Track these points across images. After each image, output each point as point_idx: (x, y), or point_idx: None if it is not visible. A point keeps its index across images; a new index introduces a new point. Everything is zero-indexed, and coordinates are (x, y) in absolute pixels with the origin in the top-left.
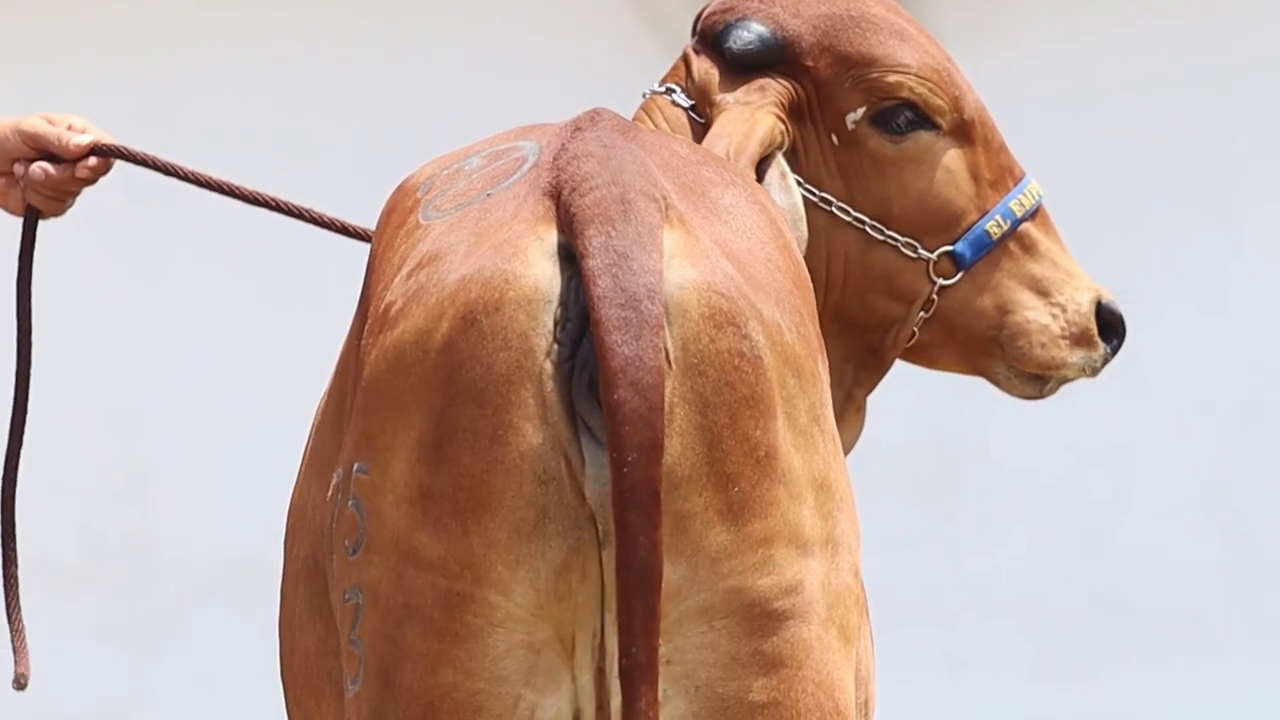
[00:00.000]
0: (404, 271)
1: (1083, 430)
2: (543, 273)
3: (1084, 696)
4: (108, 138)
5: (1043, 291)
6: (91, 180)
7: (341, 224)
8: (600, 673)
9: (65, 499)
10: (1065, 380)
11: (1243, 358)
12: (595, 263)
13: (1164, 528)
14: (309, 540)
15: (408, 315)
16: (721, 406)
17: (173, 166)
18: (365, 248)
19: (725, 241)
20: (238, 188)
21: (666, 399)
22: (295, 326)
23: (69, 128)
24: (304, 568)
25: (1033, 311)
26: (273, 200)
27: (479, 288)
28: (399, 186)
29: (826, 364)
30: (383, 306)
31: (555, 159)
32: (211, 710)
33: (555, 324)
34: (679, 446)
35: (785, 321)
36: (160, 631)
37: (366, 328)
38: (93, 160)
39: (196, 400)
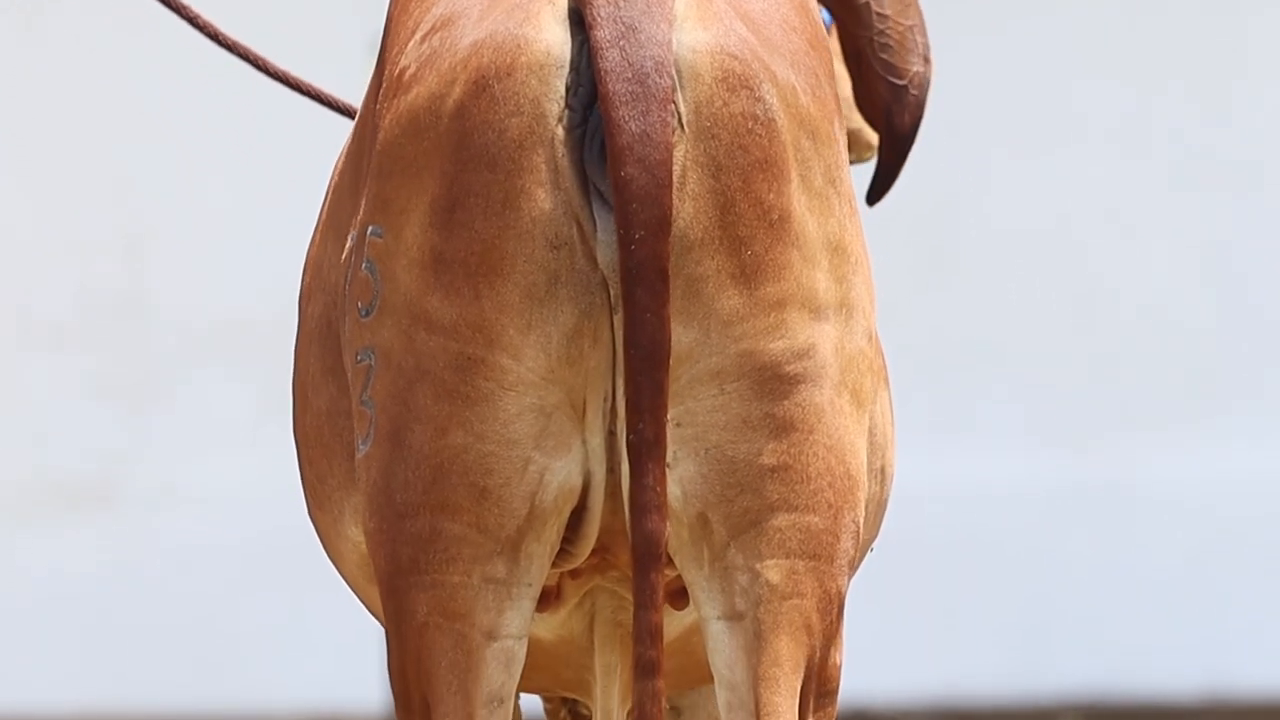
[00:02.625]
0: (418, 35)
1: (1081, 192)
2: (554, 38)
3: (1080, 462)
4: None
5: None
6: None
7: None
8: (611, 436)
9: (60, 258)
10: None
11: (1244, 121)
12: (602, 34)
13: (1164, 291)
14: (324, 300)
15: (421, 80)
16: (734, 170)
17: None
18: (379, 9)
19: (739, 2)
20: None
21: (679, 164)
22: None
23: None
24: (318, 327)
25: None
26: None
27: (491, 52)
28: None
29: (844, 126)
30: (397, 71)
31: None
32: (207, 470)
33: (567, 90)
34: (691, 211)
35: (800, 83)
36: (155, 391)
37: (381, 91)
38: None
39: (194, 159)
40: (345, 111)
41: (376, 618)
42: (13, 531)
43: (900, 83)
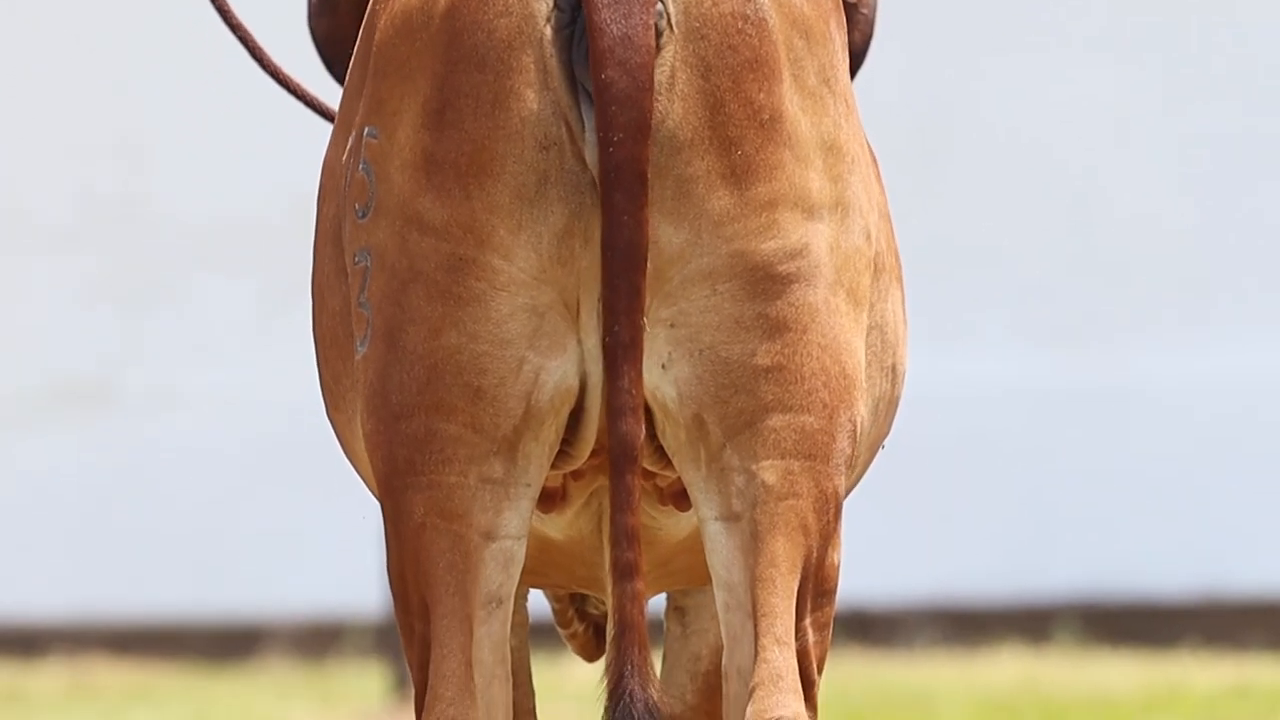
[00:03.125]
0: None
1: (1073, 98)
2: None
3: (1074, 364)
4: None
5: None
6: None
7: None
8: (601, 341)
9: (60, 160)
10: None
11: (1236, 27)
12: None
13: (1156, 195)
14: (336, 201)
15: None
16: (724, 70)
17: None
18: None
19: None
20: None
21: (667, 65)
22: None
23: None
24: (331, 228)
25: None
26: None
27: None
28: None
29: (842, 24)
30: None
31: None
32: (206, 373)
33: None
34: (680, 111)
35: None
36: (155, 294)
37: None
38: None
39: (194, 61)
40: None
41: None
42: (12, 433)
43: (851, 1)
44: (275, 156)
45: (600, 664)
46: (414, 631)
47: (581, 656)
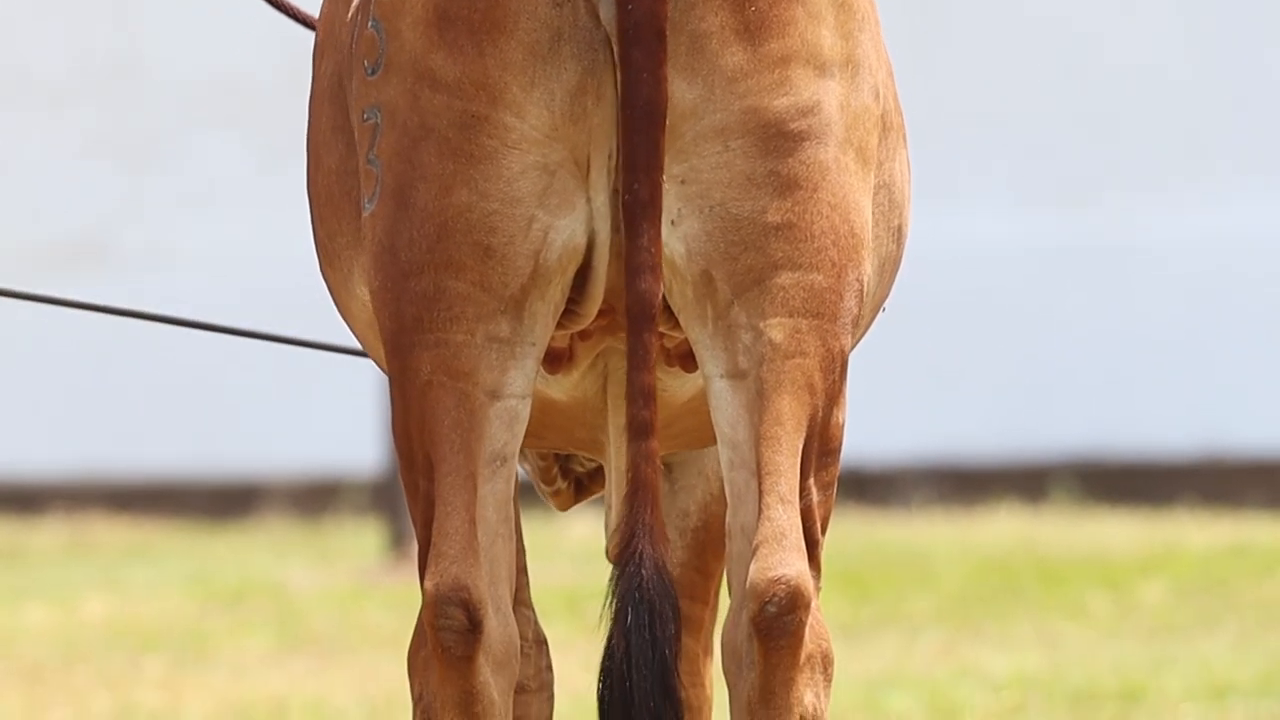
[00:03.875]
0: None
1: None
2: None
3: (1073, 223)
4: None
5: None
6: None
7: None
8: (616, 195)
9: (53, 16)
10: None
11: None
12: None
13: (1156, 51)
14: (335, 57)
15: None
16: None
17: None
18: None
19: None
20: None
21: None
22: None
23: None
24: (329, 85)
25: None
26: None
27: None
28: None
29: None
30: None
31: None
32: (202, 229)
33: None
34: None
35: None
36: (151, 150)
37: None
38: None
39: None
40: None
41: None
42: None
43: None
44: (271, 12)
45: (598, 522)
46: (418, 489)
47: (556, 507)
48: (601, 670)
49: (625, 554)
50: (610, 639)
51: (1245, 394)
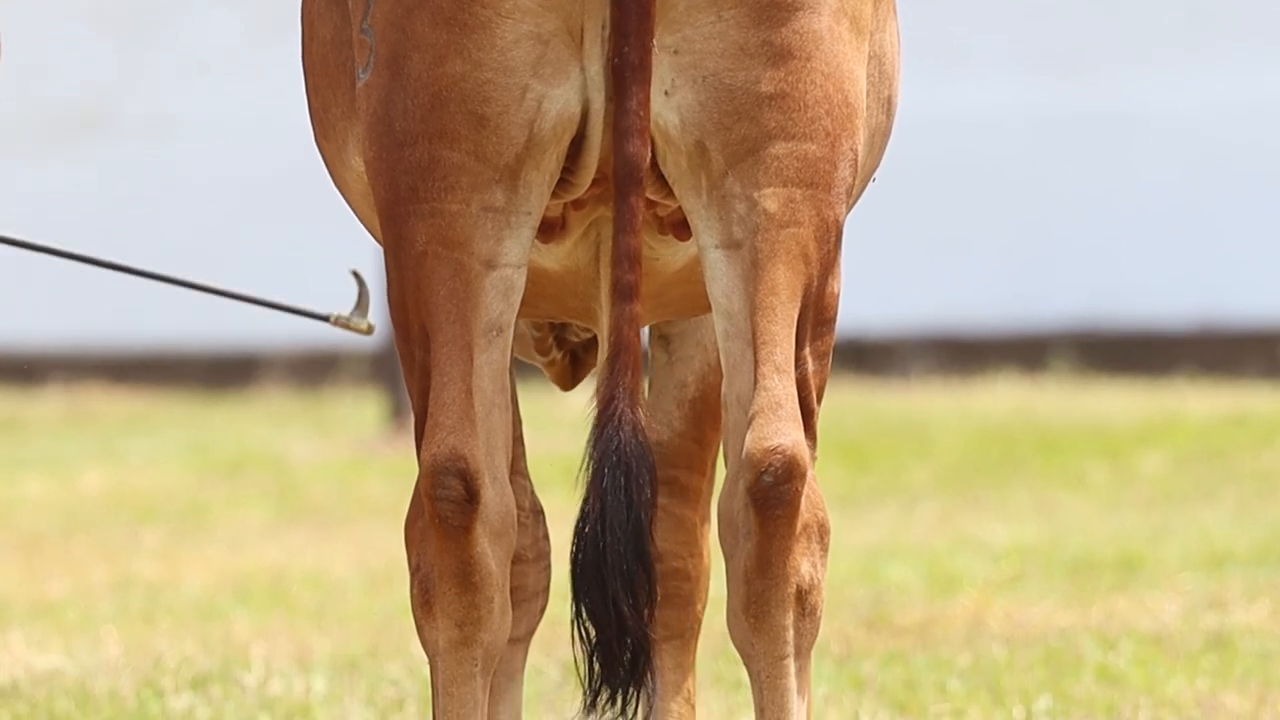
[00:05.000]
0: None
1: None
2: None
3: (1073, 90)
4: None
5: None
6: None
7: None
8: (609, 63)
9: None
10: None
11: None
12: None
13: None
14: None
15: None
16: None
17: None
18: None
19: None
20: None
21: None
22: None
23: None
24: None
25: None
26: None
27: None
28: None
29: None
30: None
31: None
32: (204, 100)
33: None
34: None
35: None
36: (151, 20)
37: None
38: None
39: None
40: None
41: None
42: (11, 161)
43: None
44: None
45: (588, 393)
46: (414, 359)
47: (558, 385)
48: (575, 531)
49: (604, 416)
50: (585, 500)
51: (1244, 263)
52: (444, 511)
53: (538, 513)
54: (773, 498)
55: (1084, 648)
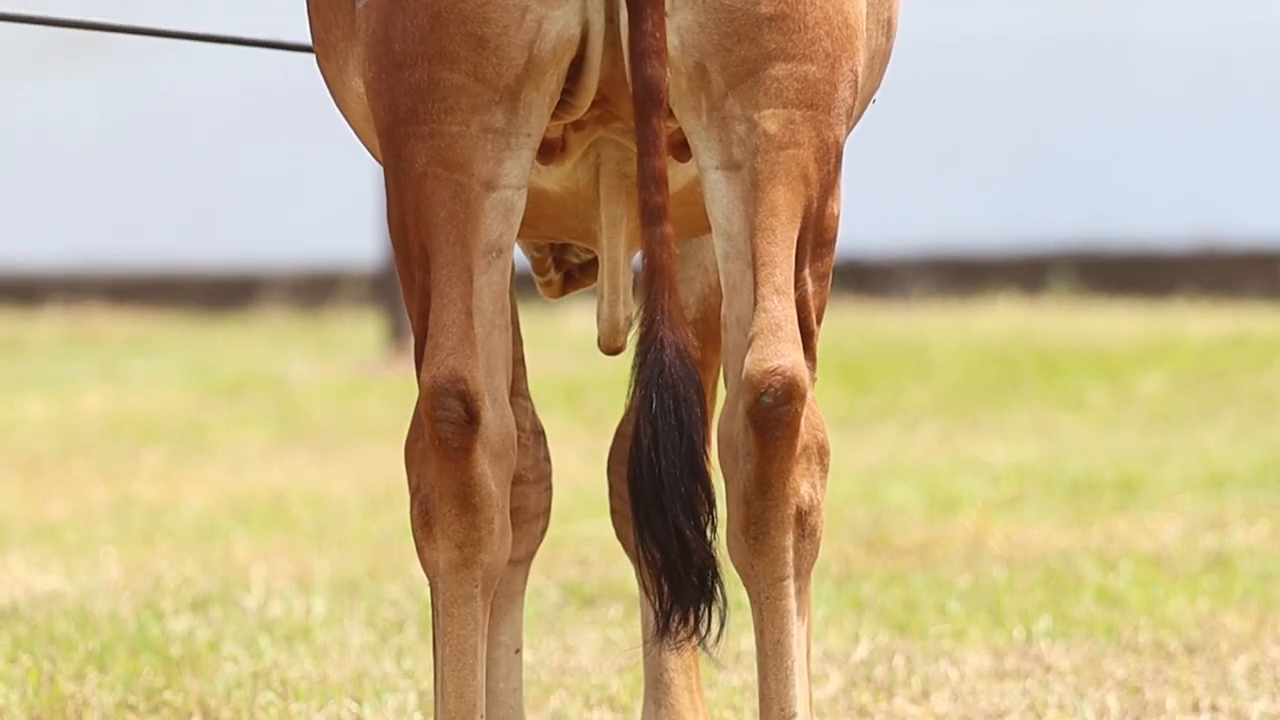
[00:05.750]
0: None
1: None
2: None
3: (1073, 9)
4: None
5: None
6: None
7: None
8: None
9: None
10: None
11: None
12: None
13: None
14: None
15: None
16: None
17: None
18: None
19: None
20: None
21: None
22: None
23: None
24: None
25: None
26: None
27: None
28: None
29: None
30: None
31: None
32: (204, 18)
33: None
34: None
35: None
36: None
37: None
38: None
39: None
40: None
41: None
42: (10, 83)
43: None
44: None
45: (590, 313)
46: (414, 281)
47: (547, 296)
48: (630, 459)
49: (646, 341)
50: (636, 427)
51: (1244, 184)
52: (444, 433)
53: (538, 434)
54: (772, 419)
55: (1084, 569)
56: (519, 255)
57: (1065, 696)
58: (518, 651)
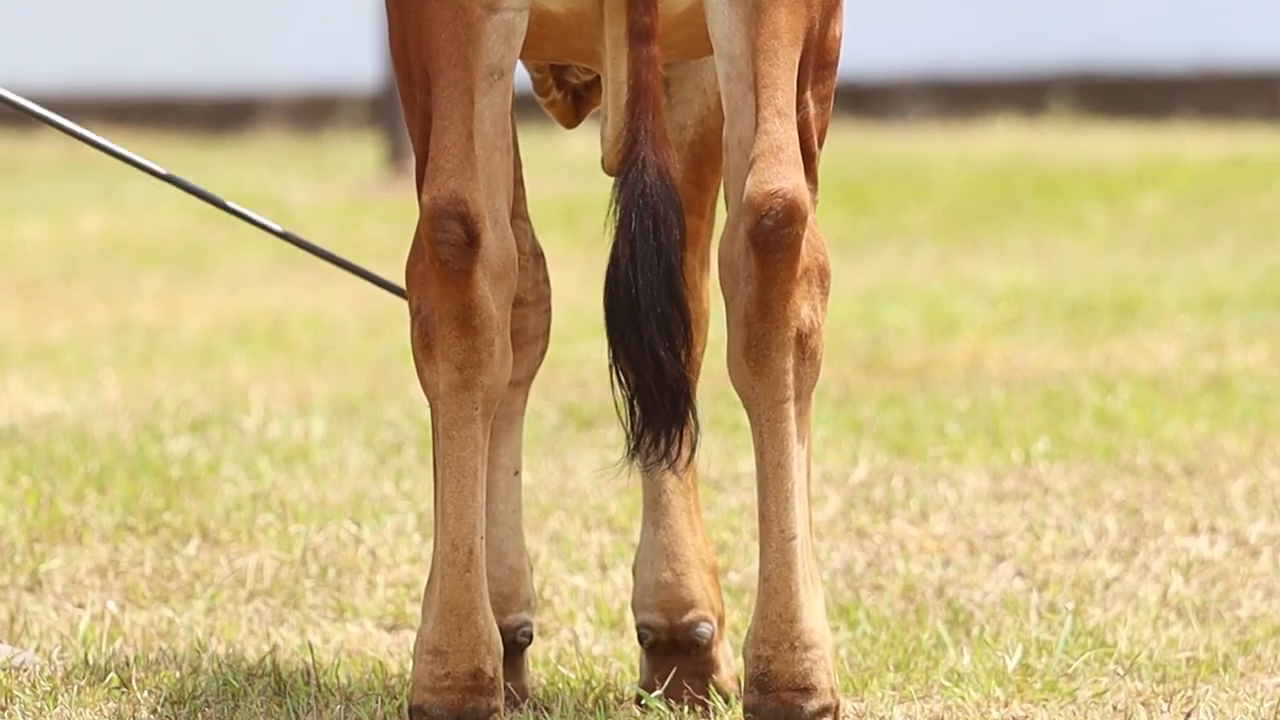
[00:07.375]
0: None
1: None
2: None
3: None
4: None
5: None
6: None
7: None
8: None
9: None
10: None
11: None
12: None
13: None
14: None
15: None
16: None
17: None
18: None
19: None
20: None
21: None
22: None
23: None
24: None
25: None
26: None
27: None
28: None
29: None
30: None
31: None
32: None
33: None
34: None
35: None
36: None
37: None
38: None
39: None
40: None
41: None
42: None
43: None
44: None
45: (595, 135)
46: (415, 103)
47: (561, 123)
48: (607, 277)
49: (628, 160)
50: (615, 246)
51: (1243, 3)
52: (444, 255)
53: (538, 256)
54: (773, 241)
55: (1082, 390)
56: (520, 77)
57: (1063, 518)
58: (517, 473)
